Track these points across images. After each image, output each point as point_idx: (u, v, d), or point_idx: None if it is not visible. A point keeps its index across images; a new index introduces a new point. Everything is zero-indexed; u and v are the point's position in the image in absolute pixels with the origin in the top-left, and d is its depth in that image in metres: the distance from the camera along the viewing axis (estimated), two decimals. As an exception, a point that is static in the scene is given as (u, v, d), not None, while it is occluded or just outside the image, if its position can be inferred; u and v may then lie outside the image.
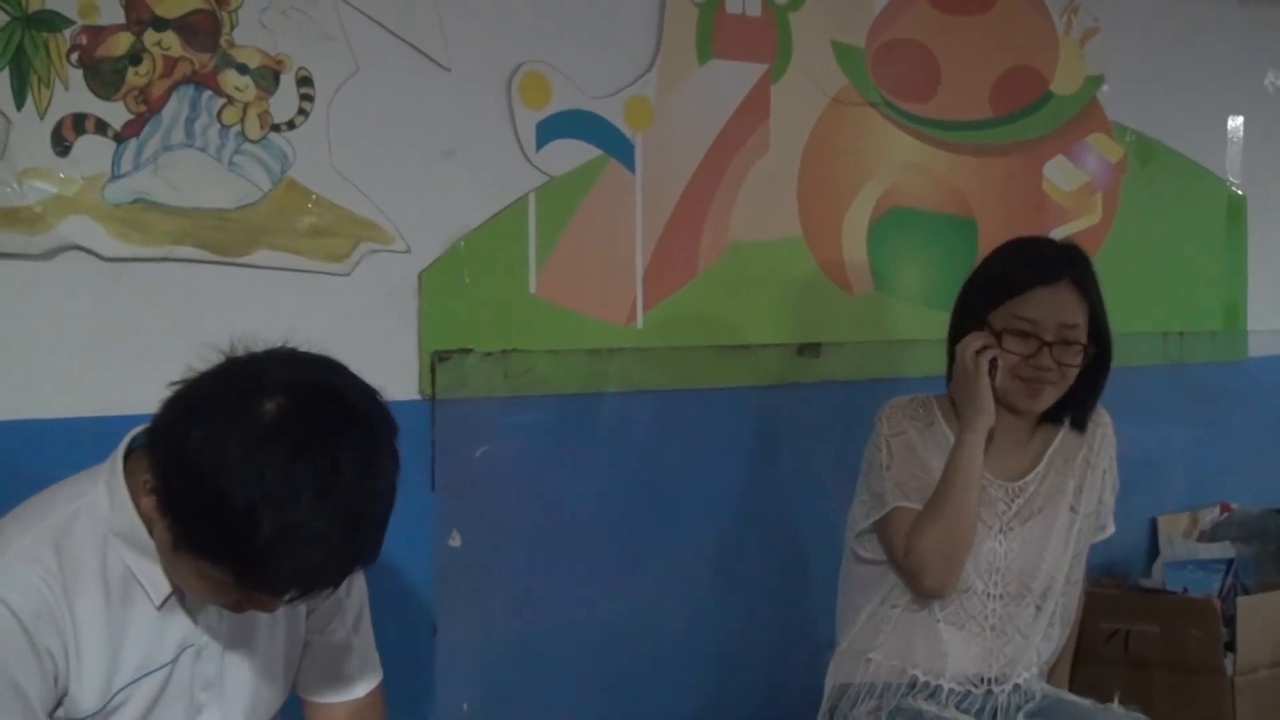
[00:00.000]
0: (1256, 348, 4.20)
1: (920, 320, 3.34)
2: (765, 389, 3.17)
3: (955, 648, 2.48)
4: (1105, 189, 3.80)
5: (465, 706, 2.76)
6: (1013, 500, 2.50)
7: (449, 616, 2.73)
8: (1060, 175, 3.71)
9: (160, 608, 1.79)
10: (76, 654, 1.75)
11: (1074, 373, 2.45)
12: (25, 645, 1.69)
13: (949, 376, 2.54)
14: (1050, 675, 2.63)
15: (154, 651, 1.81)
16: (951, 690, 2.47)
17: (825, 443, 3.19)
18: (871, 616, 2.52)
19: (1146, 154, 3.89)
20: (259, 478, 1.58)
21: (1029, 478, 2.53)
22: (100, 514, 1.76)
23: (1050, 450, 2.56)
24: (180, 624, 1.82)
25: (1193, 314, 4.07)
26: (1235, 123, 4.14)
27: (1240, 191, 4.14)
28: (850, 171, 3.30)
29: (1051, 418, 2.55)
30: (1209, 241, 4.12)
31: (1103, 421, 2.62)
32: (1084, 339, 2.45)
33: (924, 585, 2.44)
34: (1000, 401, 2.45)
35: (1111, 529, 2.67)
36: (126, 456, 1.78)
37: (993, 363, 2.43)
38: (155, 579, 1.78)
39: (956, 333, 2.52)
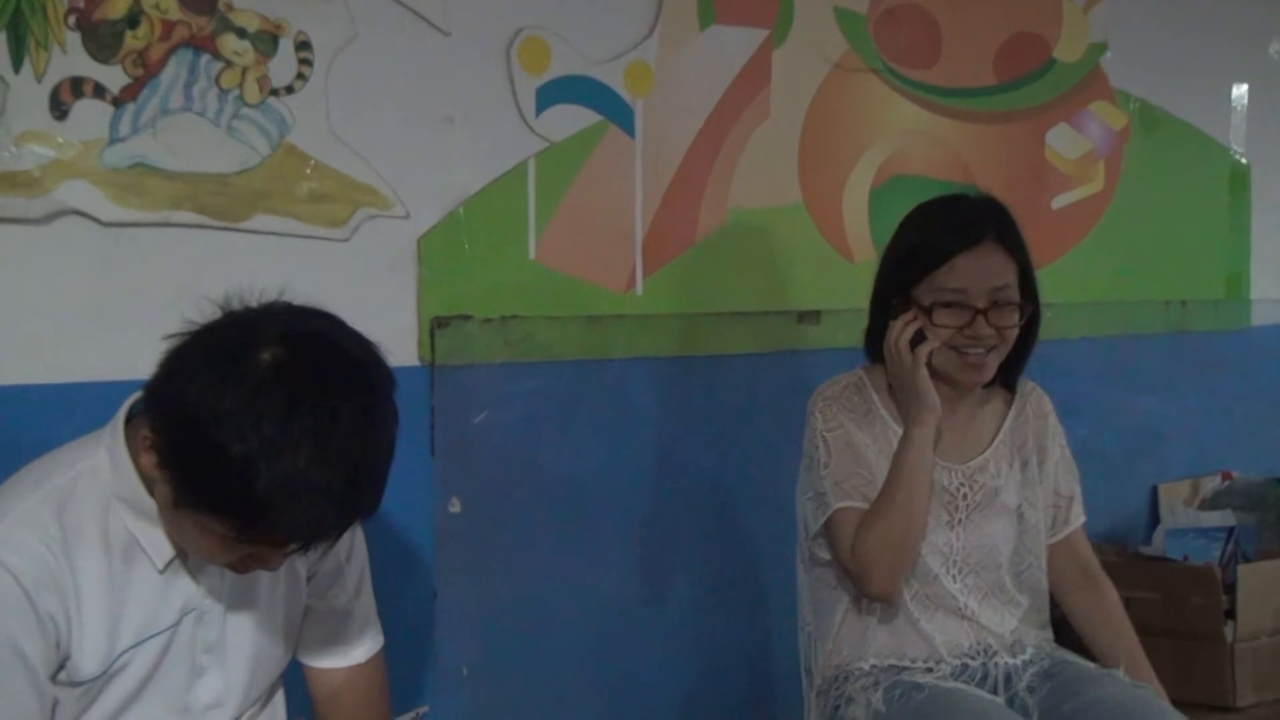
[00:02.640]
0: (1259, 316, 4.21)
1: (921, 288, 3.33)
2: (765, 356, 3.16)
3: (941, 632, 2.39)
4: (1108, 157, 3.79)
5: (465, 670, 2.76)
6: (962, 487, 2.41)
7: (449, 581, 2.73)
8: (1063, 143, 3.69)
9: (163, 571, 1.79)
10: (78, 618, 1.75)
11: (1014, 334, 2.35)
12: (27, 610, 1.69)
13: (868, 344, 2.48)
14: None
15: (156, 615, 1.81)
16: (950, 664, 2.38)
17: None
18: (848, 614, 2.42)
19: (1150, 122, 3.88)
20: (256, 428, 1.57)
21: (980, 459, 2.43)
22: (102, 478, 1.76)
23: (998, 439, 2.46)
24: (182, 588, 1.82)
25: (1195, 282, 4.06)
26: (1239, 91, 4.13)
27: (1244, 160, 4.13)
28: (852, 138, 3.29)
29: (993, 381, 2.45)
30: (1212, 210, 4.11)
31: (1044, 411, 2.53)
32: (1017, 298, 2.34)
33: (871, 588, 2.33)
34: (941, 379, 2.35)
35: (1082, 518, 2.56)
36: (127, 421, 1.77)
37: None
38: (157, 542, 1.78)
39: (881, 304, 2.42)
